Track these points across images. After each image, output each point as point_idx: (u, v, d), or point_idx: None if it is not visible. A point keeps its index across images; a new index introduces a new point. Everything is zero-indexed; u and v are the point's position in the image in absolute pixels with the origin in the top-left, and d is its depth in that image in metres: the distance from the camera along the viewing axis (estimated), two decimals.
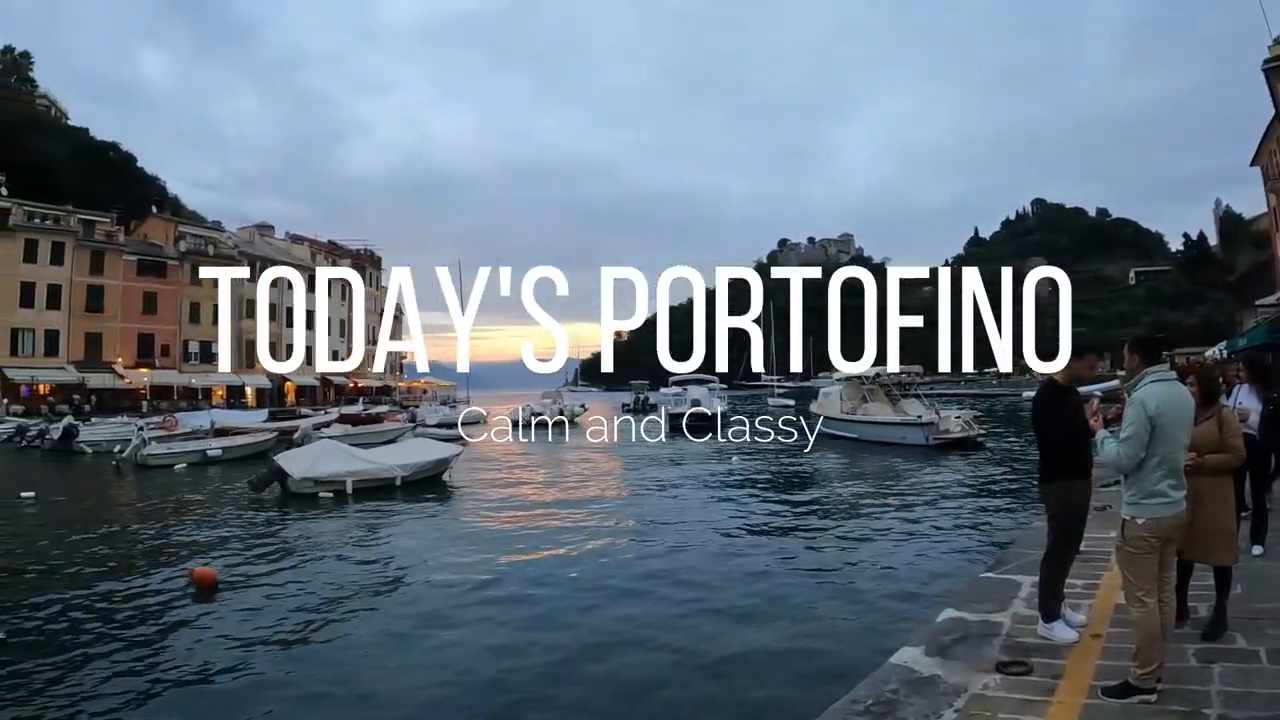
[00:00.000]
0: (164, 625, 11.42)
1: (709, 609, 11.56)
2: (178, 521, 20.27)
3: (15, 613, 11.97)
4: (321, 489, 23.02)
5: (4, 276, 70.30)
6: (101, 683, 9.22)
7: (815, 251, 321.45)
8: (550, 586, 12.65)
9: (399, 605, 11.93)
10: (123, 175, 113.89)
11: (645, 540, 16.38)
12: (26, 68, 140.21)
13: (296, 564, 14.96)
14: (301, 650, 10.08)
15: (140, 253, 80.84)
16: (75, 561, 15.85)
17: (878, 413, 38.76)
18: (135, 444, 34.33)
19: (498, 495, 23.48)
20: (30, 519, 21.31)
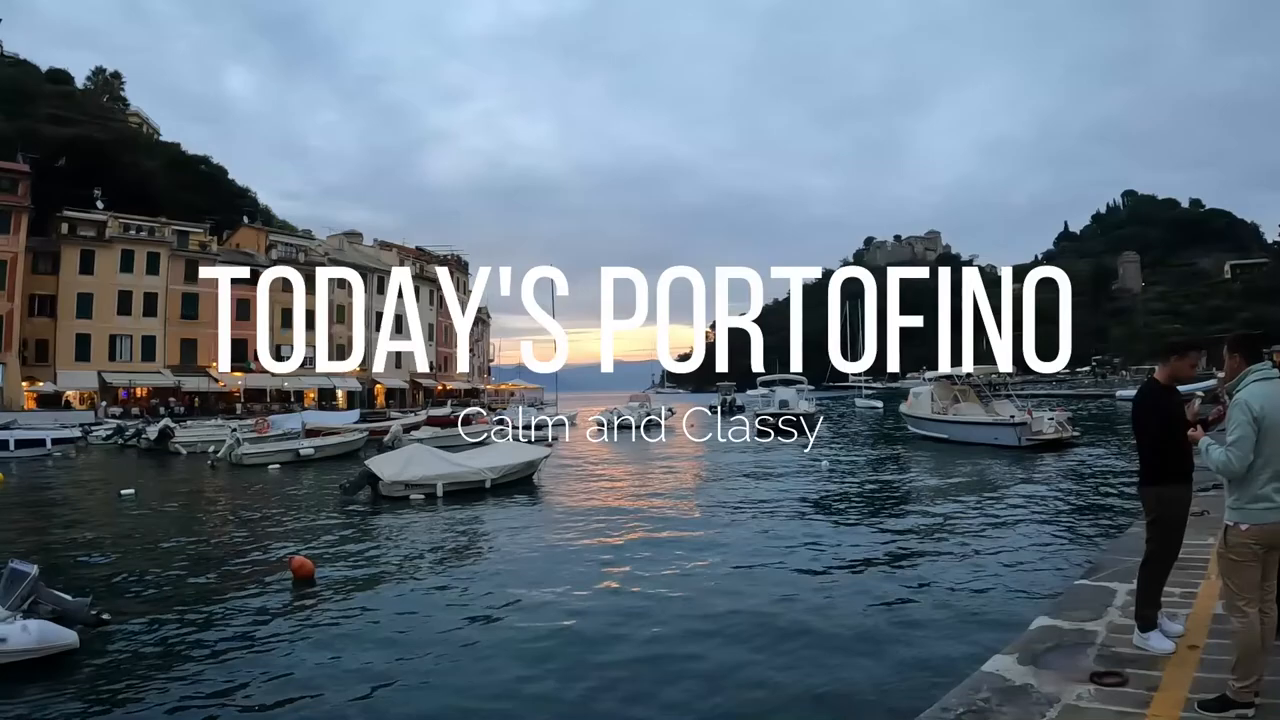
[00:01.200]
0: (263, 611, 11.83)
1: (795, 609, 11.46)
2: (273, 518, 20.81)
3: (120, 597, 12.46)
4: (412, 492, 23.28)
5: (102, 286, 73.78)
6: (203, 662, 9.65)
7: (902, 249, 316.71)
8: (635, 594, 12.49)
9: (484, 604, 12.03)
10: (215, 188, 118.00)
11: (728, 545, 16.18)
12: (118, 88, 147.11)
13: (389, 561, 15.25)
14: (390, 641, 10.31)
15: (233, 261, 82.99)
16: (176, 551, 16.52)
17: (969, 413, 37.90)
18: (230, 444, 35.32)
19: (584, 499, 23.45)
20: (131, 514, 21.99)
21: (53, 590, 10.20)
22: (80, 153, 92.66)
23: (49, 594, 10.00)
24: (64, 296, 72.50)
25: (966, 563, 13.95)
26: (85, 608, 10.29)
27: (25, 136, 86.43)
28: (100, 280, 74.07)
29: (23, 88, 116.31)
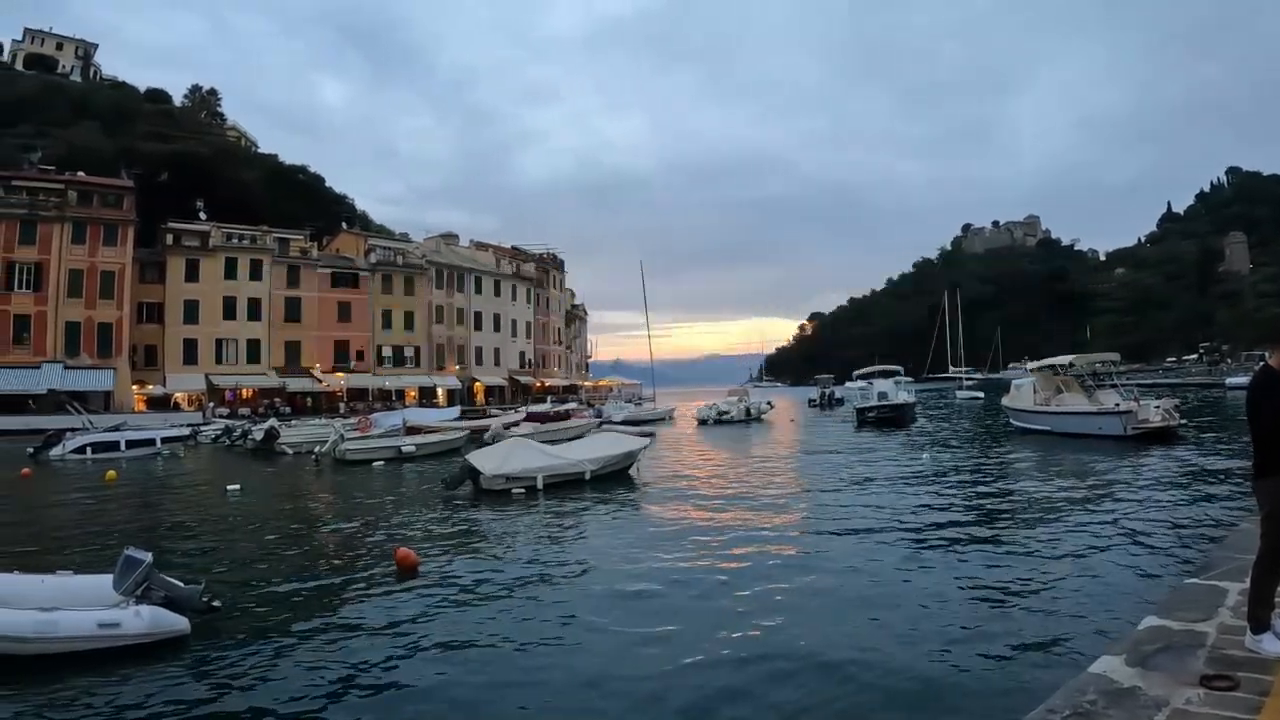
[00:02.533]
0: (366, 602, 11.95)
1: (891, 601, 11.18)
2: (377, 512, 21.07)
3: (229, 586, 12.65)
4: (513, 485, 23.32)
5: (208, 293, 77.48)
6: (308, 650, 9.79)
7: (1000, 235, 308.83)
8: (735, 593, 12.03)
9: (582, 600, 11.83)
10: (313, 195, 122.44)
11: (826, 537, 15.92)
12: (215, 104, 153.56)
13: (491, 554, 15.25)
14: (490, 635, 10.25)
15: (333, 266, 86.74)
16: (282, 543, 16.90)
17: (1072, 403, 36.58)
18: (334, 441, 36.07)
19: (682, 492, 23.17)
20: (238, 508, 22.55)
21: (165, 577, 10.40)
22: (182, 167, 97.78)
23: (162, 581, 10.20)
24: (171, 303, 76.11)
25: (1071, 559, 13.33)
26: (196, 595, 10.48)
27: (128, 154, 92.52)
28: (205, 287, 77.57)
29: (123, 108, 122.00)
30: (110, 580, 10.02)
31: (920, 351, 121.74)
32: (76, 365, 67.78)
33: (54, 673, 8.78)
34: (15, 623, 9.11)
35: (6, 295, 67.37)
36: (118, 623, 9.31)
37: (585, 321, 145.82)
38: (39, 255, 69.19)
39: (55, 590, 10.23)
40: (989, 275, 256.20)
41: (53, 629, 9.11)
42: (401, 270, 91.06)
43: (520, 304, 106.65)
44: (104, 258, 71.75)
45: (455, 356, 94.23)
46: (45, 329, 68.32)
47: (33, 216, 69.48)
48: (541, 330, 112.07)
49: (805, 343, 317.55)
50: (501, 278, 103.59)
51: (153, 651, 9.40)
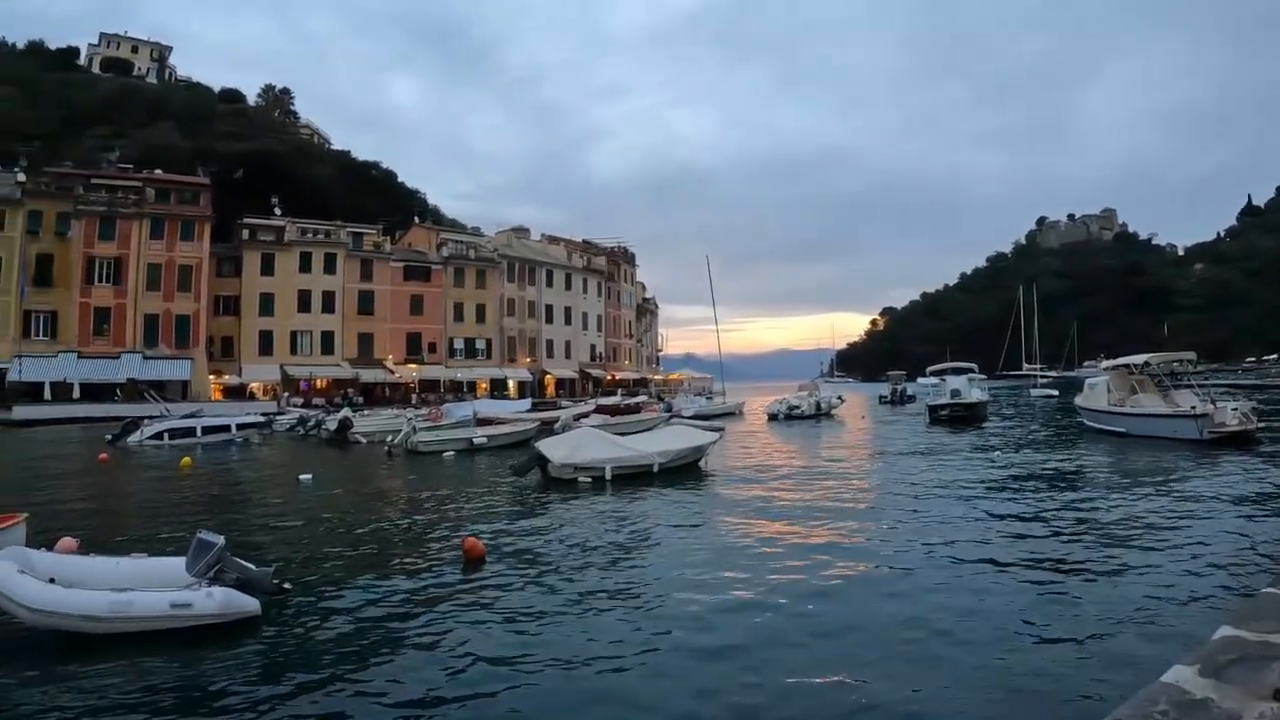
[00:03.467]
0: (434, 590, 11.96)
1: (955, 606, 10.72)
2: (447, 501, 21.11)
3: (299, 570, 12.92)
4: (581, 475, 23.23)
5: (283, 286, 79.70)
6: (375, 635, 9.90)
7: (1076, 229, 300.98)
8: (797, 592, 11.63)
9: (646, 594, 11.65)
10: (386, 191, 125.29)
11: (894, 537, 15.37)
12: (288, 103, 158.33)
13: (557, 544, 15.17)
14: (555, 627, 10.16)
15: (406, 259, 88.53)
16: (353, 529, 17.02)
17: (1147, 404, 35.15)
18: (406, 432, 36.26)
19: (750, 488, 22.59)
20: (311, 496, 22.72)
21: (237, 560, 10.55)
22: (257, 164, 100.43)
23: (234, 563, 10.35)
24: (247, 296, 78.43)
25: (1142, 565, 12.76)
26: (268, 577, 10.64)
27: (204, 153, 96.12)
28: (280, 281, 79.70)
29: (199, 108, 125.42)
30: (184, 562, 10.21)
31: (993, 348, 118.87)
32: (155, 356, 70.62)
33: (129, 650, 8.97)
34: (90, 603, 9.35)
35: (88, 289, 70.26)
36: (190, 603, 9.48)
37: (656, 315, 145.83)
38: (119, 250, 72.01)
39: (130, 572, 10.47)
40: (1064, 270, 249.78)
41: (127, 609, 9.33)
42: (473, 264, 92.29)
43: (591, 297, 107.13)
44: (182, 252, 74.42)
45: (527, 349, 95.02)
46: (125, 321, 71.19)
47: (112, 213, 72.38)
48: (612, 323, 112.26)
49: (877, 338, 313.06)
50: (573, 271, 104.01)
51: (224, 632, 9.53)
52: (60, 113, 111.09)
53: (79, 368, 67.19)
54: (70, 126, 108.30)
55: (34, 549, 11.00)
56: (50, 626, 9.34)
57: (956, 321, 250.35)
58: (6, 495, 23.11)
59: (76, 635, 9.28)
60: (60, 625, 9.32)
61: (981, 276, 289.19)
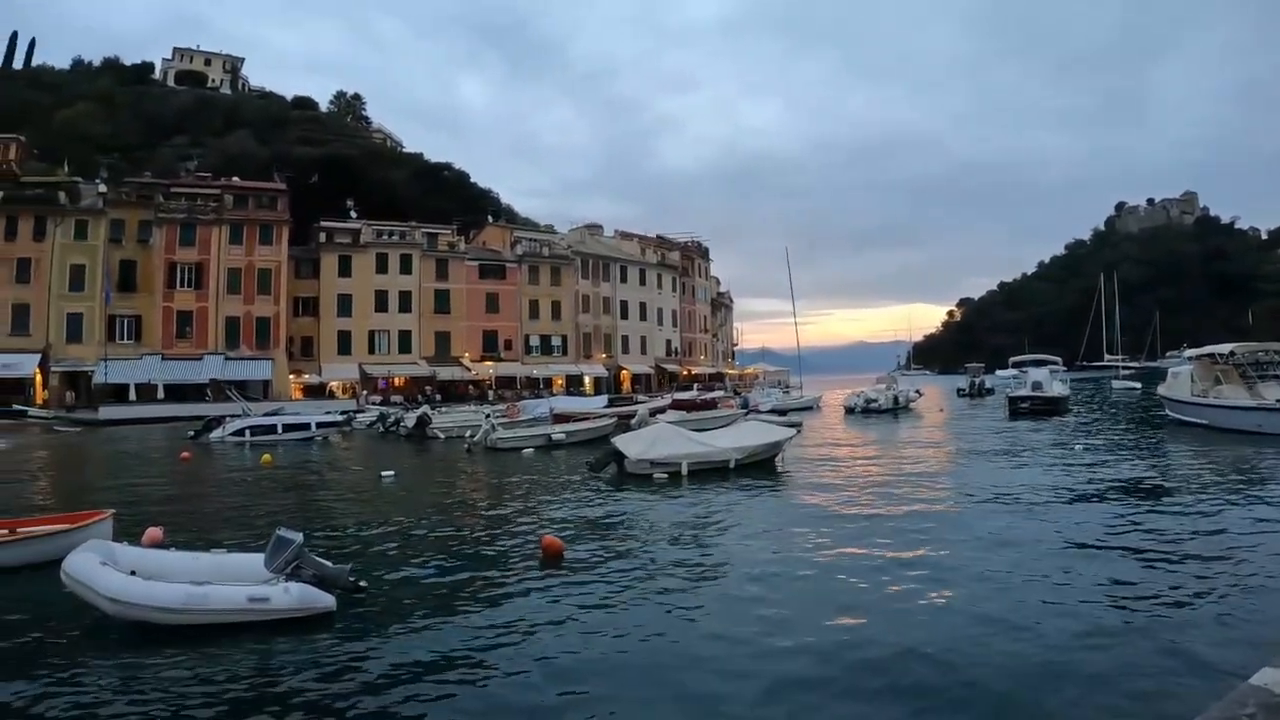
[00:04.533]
0: (511, 588, 11.90)
1: (1035, 603, 10.38)
2: (525, 498, 21.16)
3: (377, 567, 12.93)
4: (657, 470, 23.03)
5: (360, 287, 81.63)
6: (451, 633, 9.79)
7: (1156, 214, 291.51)
8: (875, 592, 11.23)
9: (721, 595, 11.31)
10: (459, 191, 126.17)
11: (973, 536, 14.68)
12: (360, 108, 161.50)
13: (634, 541, 15.06)
14: (632, 628, 9.89)
15: (481, 258, 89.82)
16: (432, 527, 17.02)
17: (1232, 396, 33.45)
18: (485, 429, 36.33)
19: (828, 483, 22.26)
20: (391, 493, 22.93)
21: (315, 556, 10.73)
22: (331, 169, 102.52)
23: (311, 560, 10.52)
24: (325, 298, 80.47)
25: (1227, 564, 12.15)
26: (344, 574, 10.76)
27: (280, 158, 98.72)
28: (358, 282, 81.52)
29: (273, 116, 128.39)
30: (262, 558, 10.42)
31: (1073, 338, 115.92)
32: (236, 356, 72.80)
33: (206, 642, 9.17)
34: (168, 595, 9.55)
35: (170, 293, 72.80)
36: (267, 598, 9.66)
37: (731, 309, 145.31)
38: (199, 256, 74.34)
39: (209, 566, 10.75)
40: (1144, 257, 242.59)
41: (204, 602, 9.51)
42: (548, 261, 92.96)
43: (666, 292, 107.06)
44: (260, 256, 76.34)
45: (602, 345, 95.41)
46: (206, 323, 73.50)
47: (192, 220, 74.77)
48: (687, 318, 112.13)
49: (954, 329, 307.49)
50: (647, 266, 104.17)
51: (299, 626, 9.67)
52: (138, 125, 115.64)
53: (163, 369, 69.70)
54: (148, 138, 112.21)
55: (118, 542, 11.40)
56: (129, 617, 9.55)
57: (1035, 311, 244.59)
58: (94, 492, 24.26)
59: (155, 626, 9.45)
60: (138, 616, 9.52)
61: (1059, 264, 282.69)
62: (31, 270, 69.59)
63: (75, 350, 69.60)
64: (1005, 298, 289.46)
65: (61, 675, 8.48)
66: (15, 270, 69.19)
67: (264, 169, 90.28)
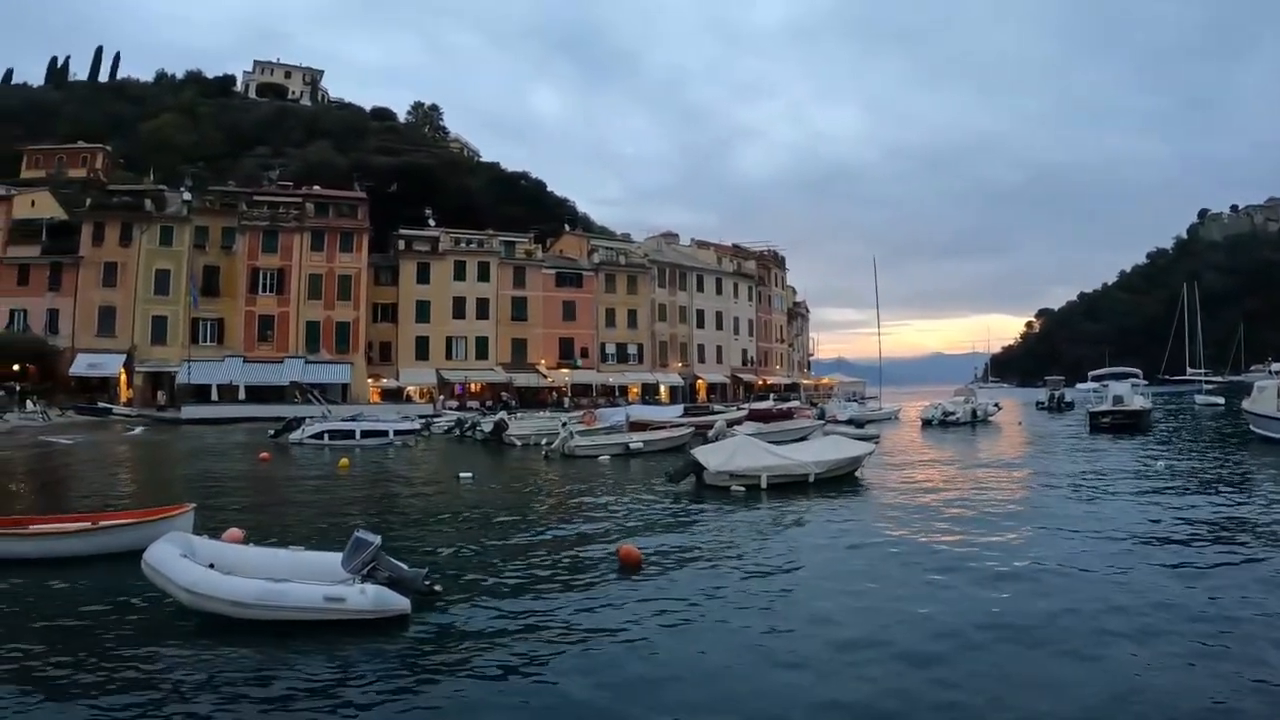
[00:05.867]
0: (586, 597, 11.68)
1: (1127, 619, 10.01)
2: (603, 506, 20.98)
3: (451, 571, 12.87)
4: (735, 483, 22.60)
5: (438, 294, 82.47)
6: (524, 641, 9.63)
7: (1239, 220, 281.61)
8: (964, 610, 10.76)
9: (802, 613, 10.85)
10: (535, 200, 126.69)
11: (1056, 552, 14.16)
12: (437, 118, 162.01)
13: (713, 554, 14.65)
14: (709, 642, 9.63)
15: (558, 266, 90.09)
16: (507, 532, 16.91)
17: None
18: (563, 436, 36.30)
19: (909, 498, 21.77)
20: (468, 496, 22.96)
21: (391, 559, 10.74)
22: (410, 178, 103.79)
23: (388, 562, 10.55)
24: (404, 304, 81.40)
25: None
26: (419, 578, 10.84)
27: (360, 168, 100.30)
28: (436, 289, 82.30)
29: (352, 126, 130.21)
30: (339, 558, 10.40)
31: (1155, 350, 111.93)
32: (316, 360, 74.20)
33: (281, 638, 9.24)
34: (243, 589, 9.63)
35: (253, 298, 74.69)
36: (343, 598, 9.68)
37: (807, 319, 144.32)
38: (281, 262, 76.05)
39: (287, 563, 10.85)
40: (1228, 265, 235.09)
41: (280, 598, 9.58)
42: (624, 270, 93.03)
43: (742, 301, 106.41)
44: (341, 263, 77.66)
45: (678, 354, 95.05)
46: (288, 327, 75.21)
47: (274, 227, 76.73)
48: (763, 327, 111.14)
49: (1032, 341, 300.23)
50: (723, 275, 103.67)
51: (374, 628, 9.67)
52: (221, 136, 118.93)
53: (244, 371, 71.40)
54: (231, 148, 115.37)
55: (197, 536, 11.58)
56: (205, 609, 9.73)
57: (1116, 323, 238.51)
58: (176, 488, 24.89)
59: (230, 619, 9.57)
60: (213, 609, 9.68)
61: (1141, 274, 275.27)
62: (118, 274, 71.72)
63: (159, 351, 71.70)
64: (1085, 308, 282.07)
65: (135, 663, 8.67)
66: (102, 274, 71.46)
67: (344, 178, 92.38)
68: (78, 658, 8.85)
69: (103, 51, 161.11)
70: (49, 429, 48.98)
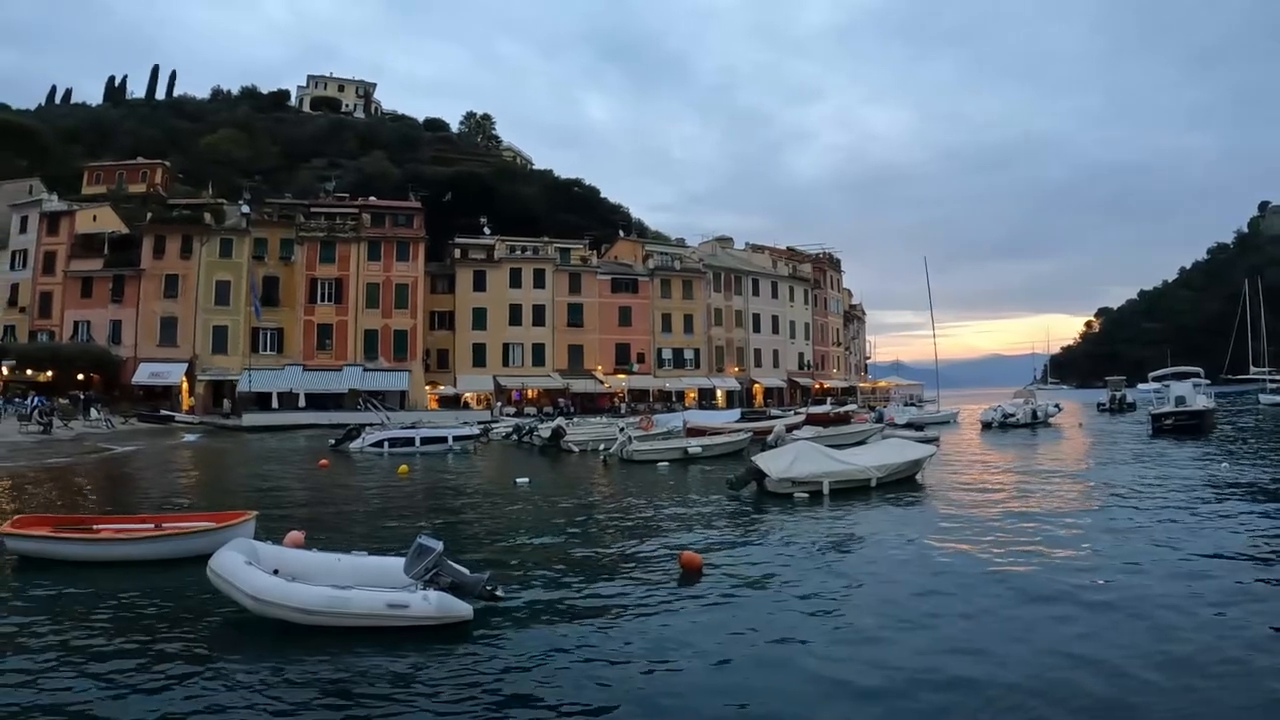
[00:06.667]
0: (647, 603, 11.54)
1: (1188, 632, 9.66)
2: (663, 511, 20.85)
3: (512, 576, 12.86)
4: (798, 489, 22.40)
5: (494, 301, 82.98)
6: (585, 647, 9.59)
7: None
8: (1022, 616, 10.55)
9: (870, 624, 10.53)
10: (589, 207, 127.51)
11: (1121, 562, 13.52)
12: (490, 127, 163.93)
13: (776, 561, 14.36)
14: (772, 649, 9.50)
15: (613, 272, 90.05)
16: (567, 537, 16.90)
17: None
18: (621, 441, 36.31)
19: (971, 506, 21.13)
20: (526, 501, 23.00)
21: (453, 565, 10.82)
22: (464, 187, 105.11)
23: (450, 568, 10.63)
24: (460, 312, 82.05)
25: None
26: (481, 584, 10.87)
27: (414, 178, 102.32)
28: (492, 296, 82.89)
29: (406, 137, 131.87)
30: (401, 563, 10.54)
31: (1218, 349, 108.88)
32: (374, 368, 75.01)
33: (344, 643, 9.28)
34: (310, 596, 9.72)
35: (311, 307, 75.87)
36: (406, 604, 9.76)
37: (864, 322, 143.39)
38: (339, 272, 77.18)
39: (349, 569, 10.94)
40: None
41: (344, 604, 9.68)
42: (679, 274, 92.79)
43: (798, 305, 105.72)
44: (398, 272, 78.51)
45: (734, 358, 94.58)
46: (346, 336, 76.23)
47: (332, 238, 77.88)
48: (819, 331, 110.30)
49: (1091, 341, 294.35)
50: (778, 279, 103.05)
51: (436, 633, 9.73)
52: (277, 149, 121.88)
53: (304, 379, 72.64)
54: (287, 161, 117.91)
55: (261, 542, 11.66)
56: (270, 615, 9.78)
57: (1176, 321, 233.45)
58: (238, 494, 25.11)
59: (294, 625, 9.62)
60: (280, 615, 9.73)
61: (1201, 270, 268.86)
62: (179, 286, 73.53)
63: (220, 360, 73.24)
64: (1145, 307, 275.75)
65: (200, 667, 8.74)
66: (164, 285, 73.27)
67: (399, 188, 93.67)
68: (144, 660, 8.92)
69: (159, 70, 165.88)
70: (113, 436, 49.81)
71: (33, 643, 9.56)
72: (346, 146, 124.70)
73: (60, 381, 63.73)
